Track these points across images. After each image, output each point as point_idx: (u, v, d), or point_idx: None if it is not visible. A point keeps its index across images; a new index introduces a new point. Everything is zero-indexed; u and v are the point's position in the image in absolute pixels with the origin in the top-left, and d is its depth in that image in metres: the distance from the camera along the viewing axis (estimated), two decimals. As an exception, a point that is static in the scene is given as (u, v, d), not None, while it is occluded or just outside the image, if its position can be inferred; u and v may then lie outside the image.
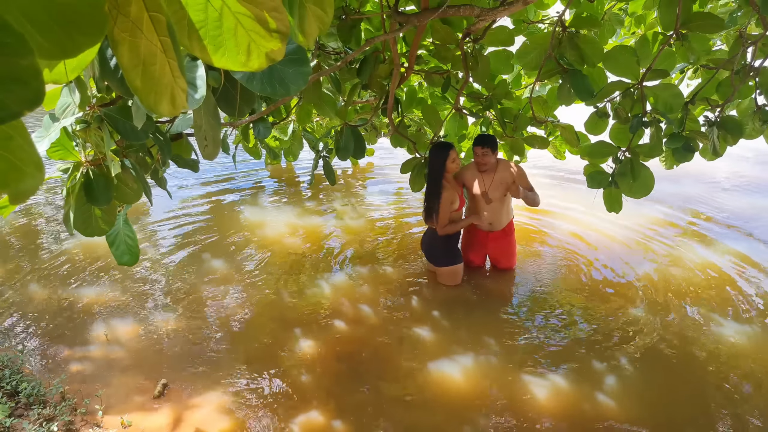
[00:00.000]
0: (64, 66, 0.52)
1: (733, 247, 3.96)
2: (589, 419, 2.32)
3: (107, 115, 1.33)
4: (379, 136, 4.04)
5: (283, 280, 3.54)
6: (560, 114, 2.98)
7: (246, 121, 2.42)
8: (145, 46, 0.49)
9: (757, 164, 6.31)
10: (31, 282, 3.52)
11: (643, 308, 3.17)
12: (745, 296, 3.29)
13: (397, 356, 2.75)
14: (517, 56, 2.41)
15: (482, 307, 3.21)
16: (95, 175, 1.40)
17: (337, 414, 2.35)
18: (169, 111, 0.54)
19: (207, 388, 2.51)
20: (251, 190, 5.51)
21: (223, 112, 1.12)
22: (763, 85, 2.21)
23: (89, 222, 1.46)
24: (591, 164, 2.44)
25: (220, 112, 1.12)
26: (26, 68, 0.34)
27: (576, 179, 5.56)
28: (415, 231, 4.37)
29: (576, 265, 3.71)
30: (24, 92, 0.35)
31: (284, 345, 2.84)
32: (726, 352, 2.75)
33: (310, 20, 0.69)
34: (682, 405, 2.41)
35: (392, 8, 2.03)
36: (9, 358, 2.62)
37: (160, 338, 2.90)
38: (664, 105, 2.14)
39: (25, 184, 0.39)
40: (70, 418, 2.29)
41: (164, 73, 0.52)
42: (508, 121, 2.98)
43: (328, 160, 3.11)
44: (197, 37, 0.52)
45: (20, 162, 0.38)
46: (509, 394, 2.47)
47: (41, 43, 0.38)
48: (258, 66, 0.54)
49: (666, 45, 2.06)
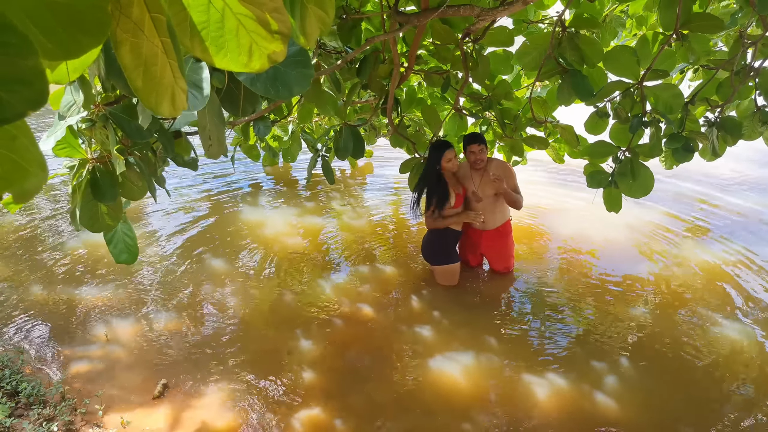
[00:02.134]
0: (66, 66, 0.52)
1: (733, 247, 3.97)
2: (589, 419, 2.32)
3: (112, 114, 1.34)
4: (378, 136, 4.05)
5: (282, 280, 3.54)
6: (560, 115, 2.99)
7: (246, 120, 2.43)
8: (147, 47, 0.49)
9: (757, 164, 6.31)
10: (32, 282, 3.52)
11: (642, 308, 3.17)
12: (745, 296, 3.29)
13: (397, 356, 2.75)
14: (517, 56, 2.41)
15: (482, 307, 3.22)
16: (101, 172, 1.42)
17: (337, 414, 2.36)
18: (169, 111, 0.54)
19: (207, 388, 2.51)
20: (250, 191, 5.51)
21: (227, 112, 1.13)
22: (762, 85, 2.22)
23: (95, 218, 1.48)
24: (591, 164, 2.44)
25: (223, 112, 1.13)
26: (30, 69, 0.35)
27: (576, 179, 5.57)
28: (414, 231, 4.37)
29: (575, 265, 3.72)
30: (28, 93, 0.35)
31: (284, 345, 2.84)
32: (726, 352, 2.75)
33: (311, 21, 0.69)
34: (682, 405, 2.41)
35: (392, 8, 2.03)
36: (9, 358, 2.62)
37: (160, 338, 2.91)
38: (664, 105, 2.14)
39: (29, 184, 0.39)
40: (70, 418, 2.29)
41: (165, 73, 0.52)
42: (508, 121, 2.98)
43: (327, 159, 3.11)
44: (199, 39, 0.52)
45: (24, 162, 0.39)
46: (509, 394, 2.47)
47: (45, 44, 0.39)
48: (259, 67, 0.54)
49: (666, 45, 2.06)
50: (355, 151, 2.76)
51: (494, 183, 3.17)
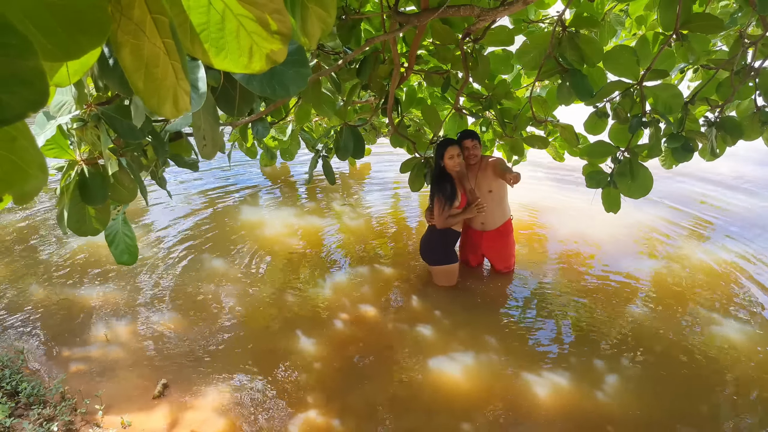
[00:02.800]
0: (66, 68, 0.52)
1: (733, 247, 3.97)
2: (589, 418, 2.32)
3: (105, 113, 1.32)
4: (378, 135, 4.05)
5: (282, 280, 3.54)
6: (560, 114, 2.98)
7: (245, 122, 2.42)
8: (148, 48, 0.49)
9: (757, 164, 6.31)
10: (32, 282, 3.52)
11: (642, 308, 3.17)
12: (745, 296, 3.30)
13: (397, 356, 2.75)
14: (517, 56, 2.41)
15: (482, 307, 3.22)
16: (91, 174, 1.38)
17: (337, 414, 2.35)
18: (172, 113, 0.54)
19: (207, 389, 2.51)
20: (250, 191, 5.50)
21: (222, 111, 1.12)
22: (762, 86, 2.22)
23: (83, 221, 1.44)
24: (590, 164, 2.44)
25: (218, 112, 1.12)
26: (30, 70, 0.35)
27: (575, 179, 5.56)
28: (414, 231, 4.37)
29: (575, 265, 3.72)
30: (28, 93, 0.35)
31: (284, 345, 2.84)
32: (726, 352, 2.75)
33: (312, 21, 0.69)
34: (682, 405, 2.41)
35: (392, 8, 2.03)
36: (9, 358, 2.62)
37: (160, 338, 2.90)
38: (663, 105, 2.14)
39: (29, 186, 0.39)
40: (70, 418, 2.29)
41: (167, 75, 0.52)
42: (508, 121, 2.98)
43: (327, 159, 3.11)
44: (199, 40, 0.52)
45: (24, 163, 0.39)
46: (510, 394, 2.47)
47: (45, 45, 0.38)
48: (260, 68, 0.54)
49: (666, 45, 2.06)
50: (356, 151, 2.76)
51: (496, 177, 3.18)
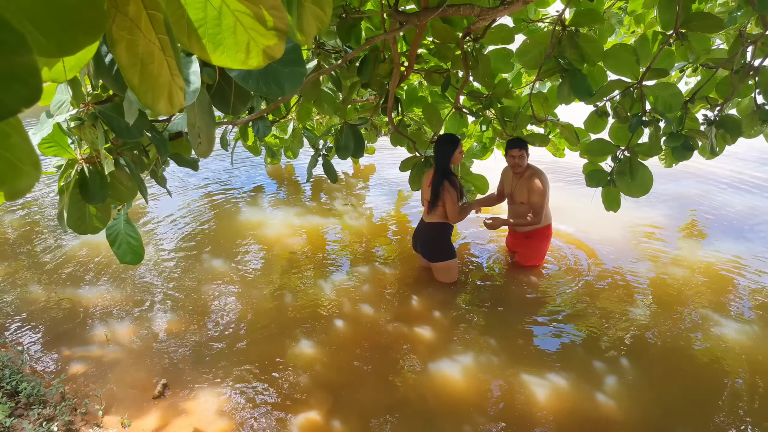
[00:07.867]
0: (62, 64, 0.51)
1: (733, 247, 3.96)
2: (590, 418, 2.32)
3: (102, 112, 1.32)
4: (379, 134, 4.04)
5: (283, 280, 3.54)
6: (560, 112, 2.98)
7: (246, 120, 2.42)
8: (144, 44, 0.49)
9: (757, 164, 6.30)
10: (32, 282, 3.52)
11: (642, 307, 3.17)
12: (745, 295, 3.29)
13: (398, 356, 2.75)
14: (517, 55, 2.41)
15: (482, 307, 3.21)
16: (90, 172, 1.38)
17: (337, 414, 2.35)
18: (166, 109, 0.54)
19: (207, 389, 2.51)
20: (251, 190, 5.50)
21: (217, 109, 1.11)
22: (762, 84, 2.22)
23: (83, 220, 1.44)
24: (590, 163, 2.44)
25: (214, 110, 1.11)
26: (24, 66, 0.34)
27: (575, 178, 5.56)
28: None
29: (575, 264, 3.71)
30: (22, 90, 0.34)
31: (284, 345, 2.84)
32: (725, 352, 2.75)
33: (308, 19, 0.69)
34: (682, 405, 2.41)
35: (392, 7, 2.03)
36: (9, 358, 2.62)
37: (160, 338, 2.90)
38: (663, 104, 2.14)
39: (22, 183, 0.39)
40: (70, 418, 2.29)
41: (162, 71, 0.51)
42: (508, 119, 2.98)
43: (327, 158, 3.11)
44: (197, 36, 0.52)
45: (17, 160, 0.38)
46: (510, 394, 2.47)
47: (40, 41, 0.38)
48: (257, 64, 0.54)
49: (666, 44, 2.06)
50: (356, 150, 2.76)
51: (524, 192, 3.27)
